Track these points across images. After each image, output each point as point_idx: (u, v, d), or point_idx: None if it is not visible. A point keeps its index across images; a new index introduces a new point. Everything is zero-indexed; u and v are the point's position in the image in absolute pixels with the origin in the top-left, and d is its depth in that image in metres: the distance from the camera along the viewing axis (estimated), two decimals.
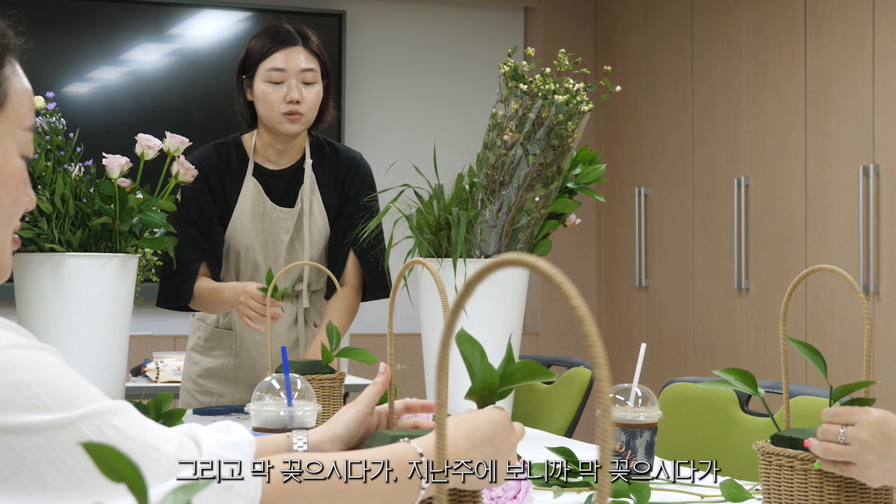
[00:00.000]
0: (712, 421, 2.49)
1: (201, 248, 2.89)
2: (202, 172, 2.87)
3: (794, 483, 1.49)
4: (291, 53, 2.88)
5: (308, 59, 2.89)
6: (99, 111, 5.72)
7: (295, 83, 2.86)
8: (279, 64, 2.87)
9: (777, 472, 1.51)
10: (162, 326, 5.69)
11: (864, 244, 4.46)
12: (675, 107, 5.65)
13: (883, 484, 1.43)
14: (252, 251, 2.92)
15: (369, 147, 5.45)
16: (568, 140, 2.74)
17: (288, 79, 2.87)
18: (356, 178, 2.99)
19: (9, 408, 1.00)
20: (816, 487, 1.47)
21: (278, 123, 2.87)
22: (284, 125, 2.87)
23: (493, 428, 1.25)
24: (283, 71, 2.87)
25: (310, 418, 1.80)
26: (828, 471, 1.46)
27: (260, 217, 2.92)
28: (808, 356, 1.51)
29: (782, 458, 1.50)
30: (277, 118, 2.87)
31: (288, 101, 2.85)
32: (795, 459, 1.49)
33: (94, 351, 2.54)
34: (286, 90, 2.86)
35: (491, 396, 1.26)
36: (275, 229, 2.92)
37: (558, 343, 6.24)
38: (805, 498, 1.48)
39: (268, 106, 2.87)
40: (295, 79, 2.87)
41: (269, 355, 2.31)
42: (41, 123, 2.56)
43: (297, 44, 2.90)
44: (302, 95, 2.86)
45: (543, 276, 0.66)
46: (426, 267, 1.42)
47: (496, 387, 1.25)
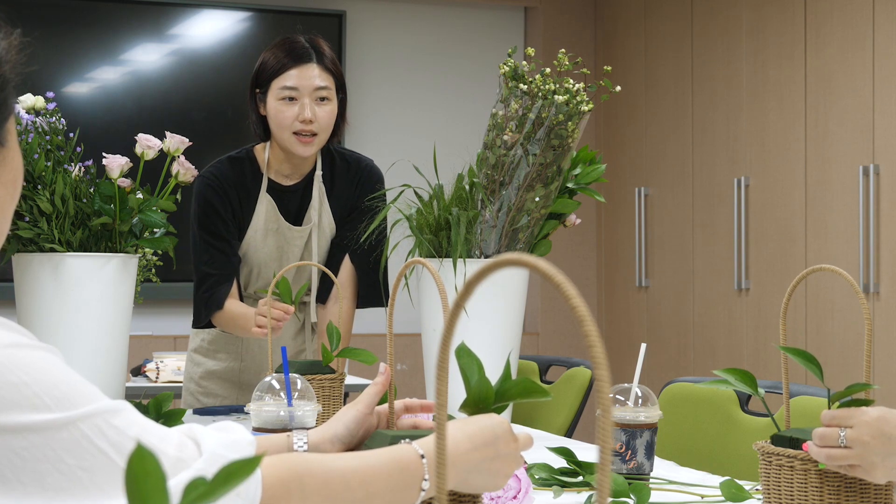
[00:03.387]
0: (712, 421, 2.49)
1: (232, 262, 2.87)
2: (222, 188, 2.85)
3: (794, 483, 1.49)
4: (305, 71, 2.81)
5: (322, 77, 2.82)
6: (99, 111, 5.72)
7: (308, 102, 2.80)
8: (292, 82, 2.80)
9: (777, 472, 1.51)
10: (162, 326, 5.70)
11: (864, 244, 4.46)
12: (675, 107, 5.65)
13: (888, 480, 1.44)
14: (266, 267, 2.91)
15: (369, 147, 5.44)
16: (568, 140, 2.74)
17: (301, 97, 2.80)
18: (367, 185, 2.96)
19: (9, 407, 1.00)
20: (816, 487, 1.48)
21: (290, 145, 2.82)
22: (297, 147, 2.82)
23: (494, 432, 1.25)
24: (295, 89, 2.81)
25: (310, 418, 1.80)
26: (833, 471, 1.46)
27: (274, 233, 2.90)
28: (803, 363, 1.51)
29: (782, 458, 1.50)
30: (289, 139, 2.81)
31: (301, 120, 2.79)
32: (795, 459, 1.49)
33: (94, 351, 2.54)
34: (299, 109, 2.80)
35: (484, 411, 1.27)
36: (288, 246, 2.91)
37: (558, 343, 6.24)
38: (805, 498, 1.48)
39: (280, 125, 2.82)
40: (308, 97, 2.80)
41: (269, 355, 2.31)
42: (41, 123, 2.56)
43: (311, 60, 2.83)
44: (315, 114, 2.80)
45: (543, 276, 0.66)
46: (426, 267, 1.42)
47: (490, 402, 1.25)
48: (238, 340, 3.00)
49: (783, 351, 1.51)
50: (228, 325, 2.87)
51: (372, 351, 2.40)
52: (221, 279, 2.84)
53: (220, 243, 2.85)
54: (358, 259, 2.92)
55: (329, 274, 2.64)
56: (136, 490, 0.65)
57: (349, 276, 2.93)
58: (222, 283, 2.83)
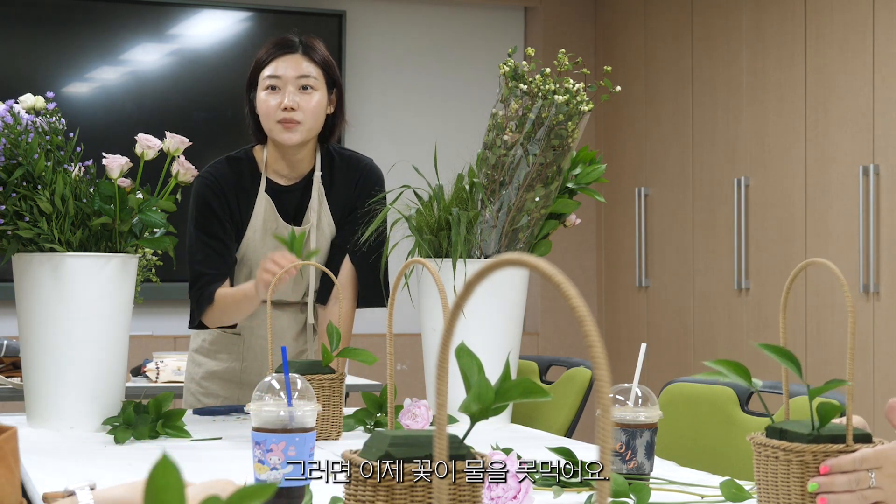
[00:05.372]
0: (712, 421, 2.49)
1: (227, 262, 2.86)
2: (220, 189, 2.84)
3: (778, 472, 1.51)
4: (289, 60, 2.80)
5: (306, 66, 2.81)
6: (99, 111, 5.72)
7: (292, 90, 2.78)
8: (275, 71, 2.80)
9: (765, 463, 1.53)
10: (162, 326, 5.70)
11: (864, 244, 4.47)
12: (675, 107, 5.65)
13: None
14: None
15: (369, 147, 5.45)
16: (568, 140, 2.74)
17: (284, 86, 2.79)
18: (366, 185, 2.95)
19: None
20: (799, 478, 1.50)
21: (276, 134, 2.81)
22: (281, 135, 2.80)
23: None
24: (278, 78, 2.79)
25: (310, 418, 1.80)
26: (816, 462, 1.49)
27: (272, 234, 2.89)
28: (781, 360, 1.52)
29: (769, 449, 1.52)
30: (274, 128, 2.80)
31: (283, 108, 2.78)
32: (779, 450, 1.51)
33: (94, 351, 2.54)
34: (281, 97, 2.79)
35: (484, 412, 1.27)
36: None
37: (558, 343, 6.24)
38: (787, 484, 1.50)
39: (265, 115, 2.81)
40: (292, 85, 2.79)
41: (269, 354, 2.31)
42: (41, 123, 2.56)
43: (296, 51, 2.83)
44: (297, 102, 2.78)
45: (543, 276, 0.66)
46: (426, 267, 1.42)
47: (490, 403, 1.25)
48: (239, 341, 2.99)
49: (762, 349, 1.51)
50: (227, 311, 2.81)
51: (372, 351, 2.40)
52: (215, 278, 2.83)
53: (216, 243, 2.84)
54: (358, 259, 2.91)
55: (329, 274, 2.63)
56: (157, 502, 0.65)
57: (349, 277, 2.92)
58: (216, 280, 2.83)
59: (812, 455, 1.48)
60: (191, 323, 2.90)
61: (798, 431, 1.51)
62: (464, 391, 1.25)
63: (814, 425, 1.50)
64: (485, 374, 1.25)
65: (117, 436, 2.40)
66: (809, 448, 1.49)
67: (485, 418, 1.28)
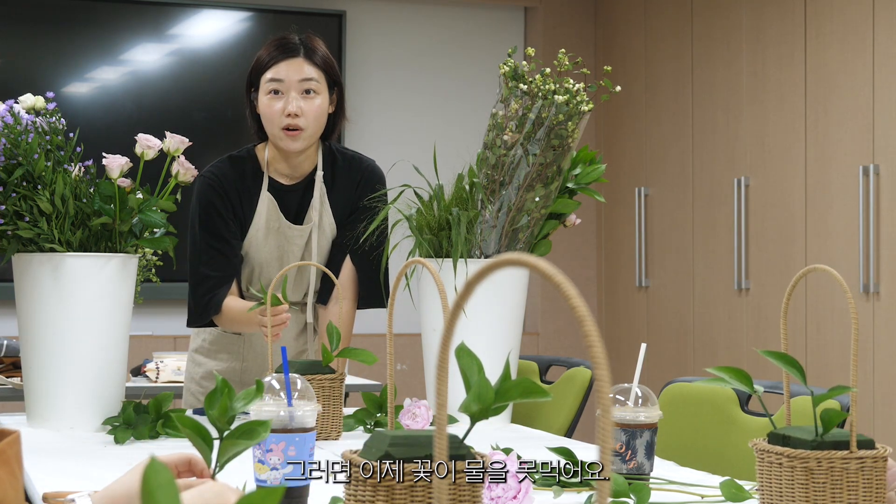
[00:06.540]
0: (712, 421, 2.49)
1: (232, 263, 2.86)
2: (222, 188, 2.84)
3: (782, 479, 1.50)
4: (292, 64, 2.80)
5: (308, 69, 2.81)
6: (99, 111, 5.72)
7: (295, 95, 2.79)
8: (278, 75, 2.80)
9: (769, 469, 1.52)
10: (162, 326, 5.70)
11: (864, 244, 4.47)
12: (675, 107, 5.65)
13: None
14: (268, 266, 2.90)
15: (369, 147, 5.44)
16: (568, 140, 2.74)
17: (287, 90, 2.79)
18: (368, 186, 2.95)
19: None
20: (805, 485, 1.49)
21: (279, 140, 2.82)
22: (285, 142, 2.81)
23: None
24: (281, 82, 2.80)
25: (310, 418, 1.80)
26: (821, 469, 1.49)
27: (275, 233, 2.89)
28: (784, 367, 1.51)
29: (772, 456, 1.51)
30: (278, 134, 2.80)
31: (286, 114, 2.78)
32: (783, 457, 1.50)
33: (94, 351, 2.54)
34: (284, 103, 2.79)
35: (484, 412, 1.27)
36: (289, 245, 2.90)
37: (558, 343, 6.24)
38: (791, 494, 1.49)
39: (268, 120, 2.81)
40: (294, 90, 2.79)
41: (269, 354, 2.31)
42: (41, 123, 2.56)
43: (298, 55, 2.83)
44: (300, 108, 2.79)
45: (543, 276, 0.66)
46: (426, 267, 1.42)
47: (490, 403, 1.25)
48: (240, 341, 2.99)
49: (764, 355, 1.51)
50: (231, 325, 2.87)
51: (372, 351, 2.40)
52: (221, 281, 2.83)
53: (221, 244, 2.84)
54: (358, 260, 2.91)
55: (329, 274, 2.63)
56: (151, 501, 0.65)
57: (350, 277, 2.92)
58: (222, 284, 2.83)
59: (816, 461, 1.48)
60: (190, 323, 2.90)
61: (801, 438, 1.50)
62: (464, 391, 1.25)
63: (817, 431, 1.50)
64: (485, 374, 1.25)
65: (117, 436, 2.40)
66: (813, 454, 1.48)
67: (485, 418, 1.28)
